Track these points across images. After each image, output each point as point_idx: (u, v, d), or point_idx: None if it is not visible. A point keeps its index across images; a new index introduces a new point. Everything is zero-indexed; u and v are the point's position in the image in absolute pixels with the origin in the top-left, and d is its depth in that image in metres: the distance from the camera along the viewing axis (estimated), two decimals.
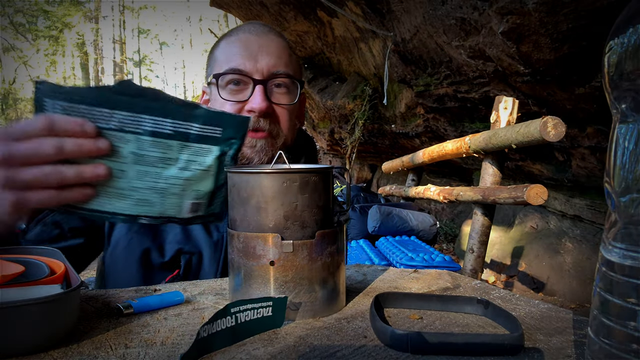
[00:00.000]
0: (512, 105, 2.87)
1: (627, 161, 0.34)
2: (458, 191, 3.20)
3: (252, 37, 0.97)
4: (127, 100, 0.71)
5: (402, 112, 5.06)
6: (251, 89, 0.94)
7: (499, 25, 2.77)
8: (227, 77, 0.95)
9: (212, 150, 0.75)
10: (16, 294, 0.49)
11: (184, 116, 0.74)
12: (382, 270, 0.83)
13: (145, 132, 0.72)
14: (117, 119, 0.71)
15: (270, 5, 5.62)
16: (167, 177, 0.75)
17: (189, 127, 0.75)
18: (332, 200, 0.63)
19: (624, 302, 0.34)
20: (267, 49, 0.96)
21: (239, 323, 0.50)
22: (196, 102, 0.78)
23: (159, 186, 0.75)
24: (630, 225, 0.34)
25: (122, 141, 0.72)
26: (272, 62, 0.95)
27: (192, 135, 0.75)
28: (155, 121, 0.73)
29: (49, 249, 0.66)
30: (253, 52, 0.95)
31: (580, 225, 4.20)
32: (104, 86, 0.69)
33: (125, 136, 0.72)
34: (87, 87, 0.70)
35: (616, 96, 0.35)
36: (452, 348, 0.47)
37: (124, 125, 0.71)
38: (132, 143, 0.72)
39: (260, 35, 0.97)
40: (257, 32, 0.98)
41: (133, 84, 0.72)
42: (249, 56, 0.94)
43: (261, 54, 0.95)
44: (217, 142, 0.75)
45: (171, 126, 0.74)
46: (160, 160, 0.74)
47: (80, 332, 0.52)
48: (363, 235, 3.84)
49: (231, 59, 0.95)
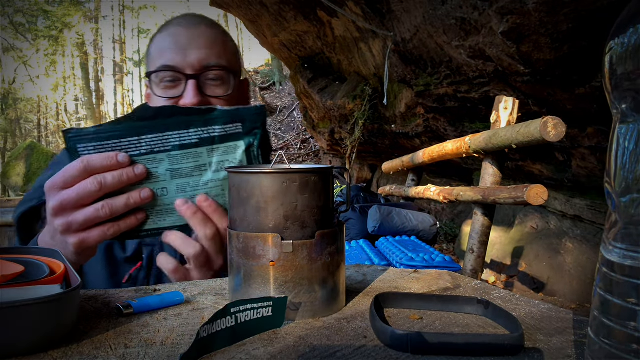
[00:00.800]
0: (512, 105, 2.87)
1: (627, 161, 0.34)
2: (458, 191, 3.20)
3: (182, 31, 0.95)
4: (149, 124, 0.77)
5: (402, 112, 5.06)
6: (184, 84, 0.93)
7: (499, 25, 2.77)
8: (161, 74, 0.94)
9: (238, 145, 0.80)
10: (16, 294, 0.49)
11: (204, 122, 0.79)
12: (382, 270, 0.83)
13: (173, 148, 0.78)
14: (146, 143, 0.77)
15: (270, 5, 5.61)
16: (206, 182, 0.80)
17: (211, 130, 0.79)
18: (332, 200, 0.63)
19: (624, 303, 0.34)
20: (197, 41, 0.94)
21: (239, 323, 0.50)
22: (210, 106, 0.82)
23: (199, 193, 0.80)
24: (630, 226, 0.34)
25: (156, 162, 0.78)
26: (202, 55, 0.93)
27: (216, 138, 0.80)
28: (179, 135, 0.78)
29: (48, 249, 0.66)
30: (183, 46, 0.93)
31: (580, 226, 4.20)
32: (124, 117, 0.76)
33: (157, 157, 0.78)
34: (110, 122, 0.76)
35: (616, 96, 0.35)
36: (452, 348, 0.47)
37: (153, 147, 0.77)
38: (165, 161, 0.78)
39: (189, 28, 0.95)
40: (187, 25, 0.96)
41: (149, 108, 0.77)
42: (179, 50, 0.93)
43: (191, 48, 0.93)
44: (241, 137, 0.80)
45: (195, 135, 0.79)
46: (194, 169, 0.79)
47: (80, 332, 0.52)
48: (363, 235, 3.84)
49: (162, 55, 0.94)
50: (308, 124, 8.14)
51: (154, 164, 0.77)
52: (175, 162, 0.78)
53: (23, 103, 27.64)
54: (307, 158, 11.05)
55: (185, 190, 0.79)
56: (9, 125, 25.39)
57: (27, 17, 22.85)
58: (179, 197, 0.78)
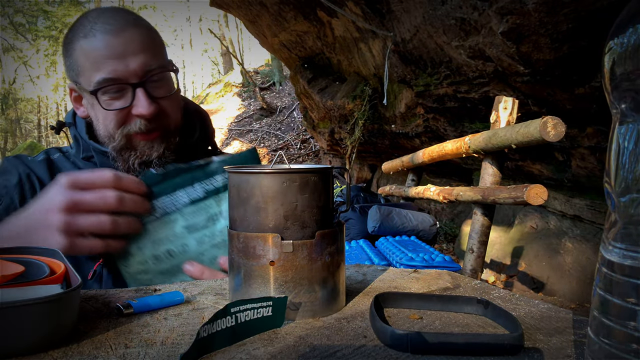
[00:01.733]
0: (512, 105, 2.87)
1: (626, 161, 0.34)
2: (458, 191, 3.20)
3: (111, 38, 0.88)
4: (158, 189, 0.82)
5: (402, 112, 5.06)
6: (131, 93, 0.89)
7: (499, 25, 2.77)
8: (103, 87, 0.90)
9: None
10: (16, 294, 0.49)
11: (205, 175, 0.85)
12: (382, 270, 0.83)
13: (185, 205, 0.83)
14: (159, 206, 0.83)
15: (270, 5, 5.61)
16: (221, 230, 0.85)
17: (214, 182, 0.85)
18: (332, 200, 0.63)
19: (624, 302, 0.34)
20: (132, 46, 0.89)
21: (239, 323, 0.50)
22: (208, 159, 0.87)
23: (217, 241, 0.85)
24: (630, 225, 0.34)
25: (172, 222, 0.83)
26: (142, 60, 0.89)
27: (220, 188, 0.85)
28: (187, 192, 0.84)
29: (48, 249, 0.66)
30: (119, 55, 0.88)
31: (580, 225, 4.20)
32: None
33: (171, 217, 0.83)
34: None
35: (616, 96, 0.35)
36: (452, 348, 0.47)
37: (166, 209, 0.83)
38: (180, 219, 0.83)
39: (118, 33, 0.88)
40: (116, 30, 0.89)
41: (154, 174, 0.83)
42: (117, 60, 0.88)
43: (128, 55, 0.88)
44: None
45: (201, 189, 0.85)
46: (207, 220, 0.85)
47: (80, 332, 0.52)
48: (363, 235, 3.83)
49: (100, 67, 0.88)
50: (308, 124, 8.13)
51: (170, 224, 0.82)
52: (189, 218, 0.84)
53: (23, 103, 27.63)
54: (307, 158, 11.04)
55: (204, 242, 0.84)
56: (9, 125, 25.39)
57: (27, 17, 22.84)
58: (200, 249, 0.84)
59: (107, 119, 0.91)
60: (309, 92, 6.73)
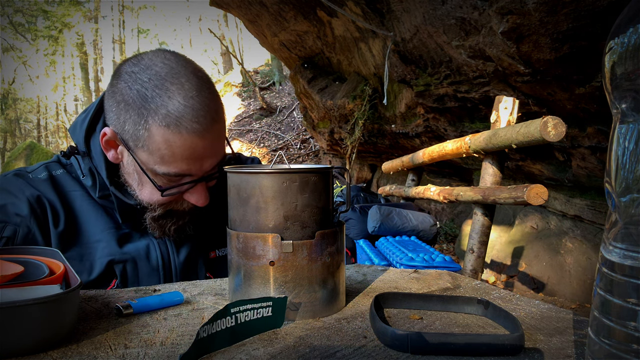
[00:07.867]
0: (512, 105, 2.87)
1: (627, 161, 0.34)
2: (458, 191, 3.20)
3: (198, 141, 0.83)
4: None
5: (402, 112, 5.06)
6: (191, 182, 0.89)
7: (499, 25, 2.77)
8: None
9: None
10: (16, 294, 0.48)
11: None
12: (382, 270, 0.83)
13: None
14: None
15: (269, 5, 5.61)
16: None
17: None
18: (332, 200, 0.62)
19: (624, 302, 0.34)
20: (212, 150, 0.87)
21: (239, 323, 0.50)
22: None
23: None
24: (630, 226, 0.34)
25: None
26: (216, 161, 0.89)
27: None
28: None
29: (48, 249, 0.66)
30: (199, 157, 0.86)
31: (580, 226, 4.20)
32: None
33: None
34: None
35: (616, 96, 0.35)
36: (452, 348, 0.47)
37: None
38: None
39: (204, 136, 0.84)
40: (202, 132, 0.83)
41: None
42: (195, 160, 0.86)
43: (206, 158, 0.87)
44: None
45: None
46: None
47: (79, 332, 0.52)
48: (363, 235, 3.83)
49: (175, 163, 0.84)
50: (308, 124, 8.13)
51: None
52: None
53: (23, 103, 27.64)
54: (307, 158, 11.04)
55: None
56: (8, 125, 25.39)
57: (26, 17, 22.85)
58: None
59: (154, 195, 0.89)
60: (308, 92, 6.73)
